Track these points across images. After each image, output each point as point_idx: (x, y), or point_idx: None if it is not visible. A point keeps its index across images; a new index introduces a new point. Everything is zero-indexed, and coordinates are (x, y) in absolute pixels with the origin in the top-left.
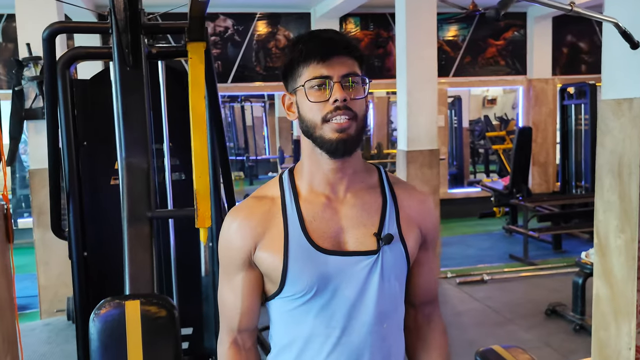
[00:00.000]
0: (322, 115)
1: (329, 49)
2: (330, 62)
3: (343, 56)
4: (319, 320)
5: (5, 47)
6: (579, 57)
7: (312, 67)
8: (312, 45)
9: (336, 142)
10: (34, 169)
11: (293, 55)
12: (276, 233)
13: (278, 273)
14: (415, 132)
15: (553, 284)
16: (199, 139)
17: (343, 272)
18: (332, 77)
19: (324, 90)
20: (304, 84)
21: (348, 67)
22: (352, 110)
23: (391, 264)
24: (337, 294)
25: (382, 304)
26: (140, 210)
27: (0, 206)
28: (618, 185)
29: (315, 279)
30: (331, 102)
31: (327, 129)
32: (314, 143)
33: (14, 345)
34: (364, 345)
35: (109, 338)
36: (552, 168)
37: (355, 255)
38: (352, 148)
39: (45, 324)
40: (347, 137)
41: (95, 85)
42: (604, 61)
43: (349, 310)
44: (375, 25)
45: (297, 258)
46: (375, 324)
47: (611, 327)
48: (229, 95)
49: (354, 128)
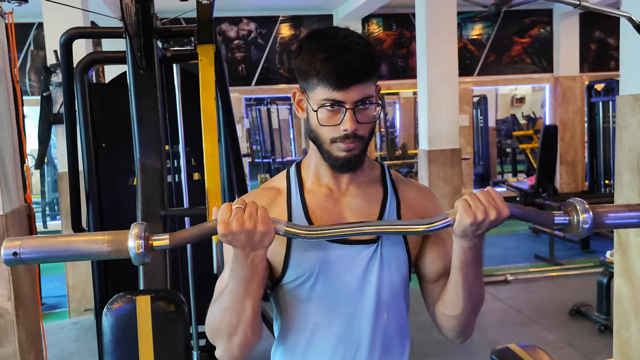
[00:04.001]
0: (330, 137)
1: (346, 80)
2: (345, 90)
3: (359, 83)
4: (319, 308)
5: (36, 55)
6: (607, 54)
7: (327, 90)
8: (330, 70)
9: (342, 160)
10: (62, 171)
11: (308, 66)
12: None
13: (281, 257)
14: (436, 132)
15: (578, 284)
16: (209, 139)
17: (344, 260)
18: (345, 104)
19: (335, 113)
20: (317, 107)
21: (362, 92)
22: (360, 135)
23: (391, 254)
24: (338, 281)
25: (382, 293)
26: (154, 208)
27: (24, 207)
28: (637, 181)
29: (316, 265)
30: (341, 129)
31: (334, 148)
32: (320, 154)
33: (38, 341)
34: (364, 334)
35: (121, 332)
36: (580, 167)
37: (356, 244)
38: (357, 165)
39: (73, 322)
40: (352, 157)
41: (113, 89)
42: (622, 56)
43: (349, 299)
44: (398, 25)
45: (299, 244)
46: (376, 313)
47: (632, 327)
48: (255, 98)
49: (359, 148)
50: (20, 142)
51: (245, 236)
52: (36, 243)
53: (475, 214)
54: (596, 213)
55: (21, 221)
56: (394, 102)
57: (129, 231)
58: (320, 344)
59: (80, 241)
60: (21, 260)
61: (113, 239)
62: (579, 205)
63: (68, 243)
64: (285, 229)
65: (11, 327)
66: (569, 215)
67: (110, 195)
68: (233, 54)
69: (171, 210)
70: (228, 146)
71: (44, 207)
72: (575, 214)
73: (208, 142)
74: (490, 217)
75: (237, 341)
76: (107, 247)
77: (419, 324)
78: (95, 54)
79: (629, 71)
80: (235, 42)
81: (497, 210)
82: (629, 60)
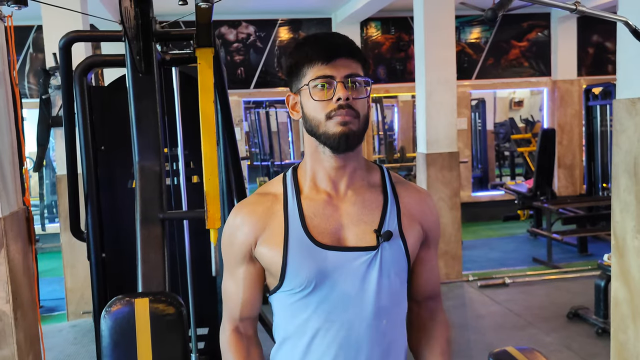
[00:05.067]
0: (325, 113)
1: (333, 51)
2: (334, 64)
3: (346, 58)
4: (318, 314)
5: (35, 57)
6: (605, 57)
7: (317, 68)
8: (317, 48)
9: (339, 136)
10: (60, 174)
11: (298, 56)
12: (277, 228)
13: (278, 267)
14: (434, 135)
15: (576, 287)
16: (208, 142)
17: (341, 267)
18: (336, 77)
19: (327, 89)
20: (308, 83)
21: (351, 68)
22: (355, 109)
23: (390, 260)
24: (336, 288)
25: (381, 299)
26: (153, 211)
27: (23, 210)
28: (634, 185)
29: (314, 274)
30: (334, 100)
31: (330, 124)
32: (318, 140)
33: (36, 343)
34: (362, 340)
35: (119, 334)
36: (578, 170)
37: (354, 250)
38: (354, 143)
39: (72, 325)
40: (349, 132)
41: (112, 91)
42: (619, 60)
43: (348, 305)
44: (397, 29)
45: (296, 253)
46: (374, 319)
47: (629, 330)
48: (254, 101)
49: (356, 124)
50: (19, 145)
51: None
52: None
53: None
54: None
55: (20, 224)
56: (393, 106)
57: None
58: (319, 349)
59: None
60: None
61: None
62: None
63: None
64: None
65: (9, 329)
66: None
67: (109, 198)
68: (232, 57)
69: (170, 213)
70: (227, 149)
71: (42, 209)
72: None
73: (207, 145)
74: None
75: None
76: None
77: None
78: (95, 57)
79: (626, 75)
80: (234, 45)
81: None
82: (625, 65)
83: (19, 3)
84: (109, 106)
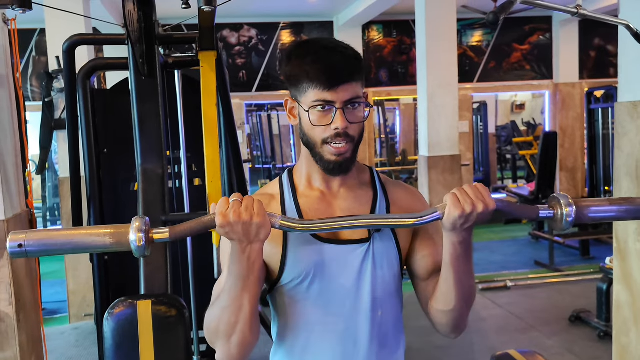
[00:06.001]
0: (322, 137)
1: (335, 79)
2: (335, 90)
3: (348, 83)
4: (317, 308)
5: (38, 61)
6: (606, 60)
7: (317, 91)
8: (318, 70)
9: (333, 164)
10: (63, 177)
11: (298, 70)
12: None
13: (277, 258)
14: (436, 138)
15: (578, 291)
16: (210, 144)
17: (338, 260)
18: (336, 103)
19: (327, 113)
20: (308, 108)
21: (351, 92)
22: (350, 135)
23: (382, 252)
24: (333, 281)
25: (376, 290)
26: (155, 214)
27: (26, 212)
28: (636, 187)
29: (312, 265)
30: (332, 128)
31: (326, 150)
32: (313, 157)
33: (38, 345)
34: (361, 332)
35: (122, 336)
36: (580, 173)
37: (349, 243)
38: (348, 168)
39: (73, 328)
40: (344, 160)
41: (114, 95)
42: (620, 64)
43: (346, 297)
44: (399, 32)
45: (294, 246)
46: (371, 311)
47: (631, 333)
48: (255, 104)
49: (350, 151)
50: (23, 148)
51: (242, 228)
52: (40, 236)
53: (463, 206)
54: (579, 207)
55: (23, 226)
56: (394, 109)
57: (130, 224)
58: (318, 343)
59: (83, 234)
60: (26, 252)
61: (115, 232)
62: (563, 200)
63: (71, 236)
64: (281, 223)
65: (12, 331)
66: (553, 209)
67: (111, 201)
68: (234, 60)
69: (172, 216)
70: (229, 152)
71: (44, 212)
72: (559, 207)
73: (209, 148)
74: (478, 209)
75: (236, 341)
76: (109, 239)
77: (418, 330)
78: (98, 61)
79: (627, 78)
80: (237, 48)
81: (484, 203)
82: (627, 68)
83: (24, 7)
84: (111, 109)
